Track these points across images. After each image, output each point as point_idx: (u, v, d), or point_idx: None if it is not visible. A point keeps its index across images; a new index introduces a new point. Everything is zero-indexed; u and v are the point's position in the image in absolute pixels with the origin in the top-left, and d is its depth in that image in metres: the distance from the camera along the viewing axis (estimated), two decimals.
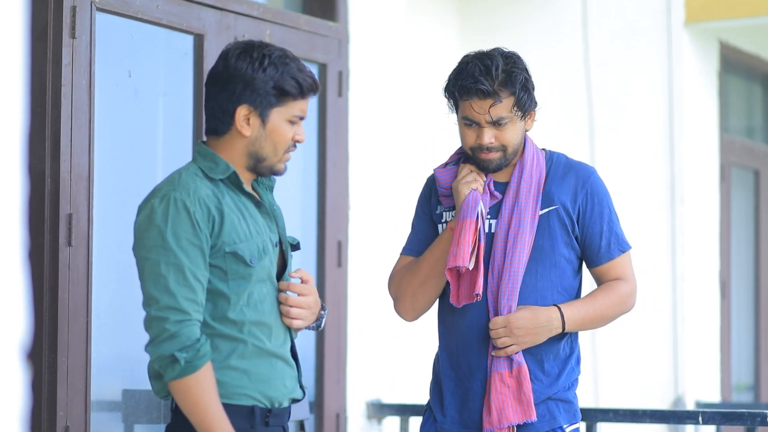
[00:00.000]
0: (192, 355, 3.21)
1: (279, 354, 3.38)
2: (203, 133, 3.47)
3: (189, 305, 3.24)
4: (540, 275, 3.74)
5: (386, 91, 5.59)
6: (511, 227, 3.72)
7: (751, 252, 7.86)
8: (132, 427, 4.47)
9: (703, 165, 7.10)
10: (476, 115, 3.70)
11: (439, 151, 6.77)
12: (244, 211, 3.36)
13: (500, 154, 3.73)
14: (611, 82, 6.90)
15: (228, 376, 3.31)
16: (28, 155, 4.13)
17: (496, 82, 3.67)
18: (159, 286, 3.26)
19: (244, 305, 3.33)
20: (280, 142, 3.36)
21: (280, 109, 3.34)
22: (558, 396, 3.76)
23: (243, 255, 3.30)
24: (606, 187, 3.85)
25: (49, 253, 4.13)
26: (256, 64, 3.32)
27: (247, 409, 3.32)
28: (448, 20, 7.01)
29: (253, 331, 3.34)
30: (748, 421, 4.46)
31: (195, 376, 3.21)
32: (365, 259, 5.45)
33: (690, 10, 6.84)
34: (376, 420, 5.49)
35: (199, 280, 3.27)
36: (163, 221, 3.27)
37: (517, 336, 3.66)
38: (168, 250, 3.26)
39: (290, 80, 3.33)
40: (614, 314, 3.83)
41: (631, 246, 3.87)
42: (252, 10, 4.92)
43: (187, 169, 3.36)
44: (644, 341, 6.84)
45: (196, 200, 3.28)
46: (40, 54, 4.14)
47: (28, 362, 3.76)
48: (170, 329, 3.22)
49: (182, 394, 3.23)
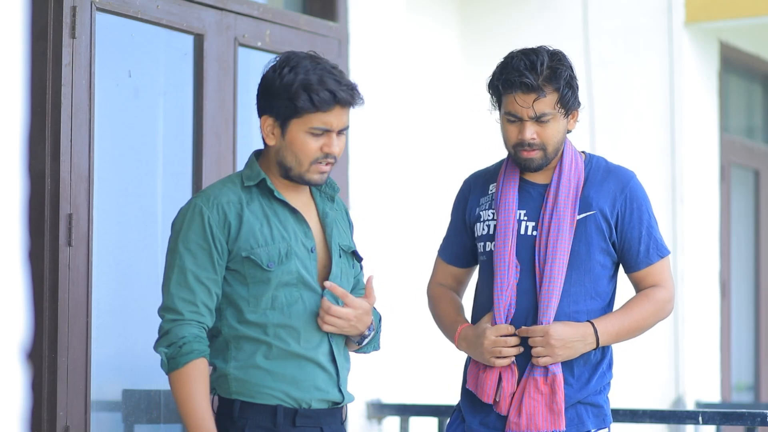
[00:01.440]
0: (174, 351, 3.35)
1: (309, 356, 3.43)
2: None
3: (184, 306, 3.36)
4: (574, 280, 3.73)
5: (386, 91, 5.58)
6: (551, 232, 3.71)
7: (751, 252, 7.86)
8: (132, 427, 4.47)
9: (703, 165, 7.10)
10: (519, 110, 3.67)
11: (439, 150, 6.77)
12: (272, 216, 3.43)
13: (541, 153, 3.71)
14: (611, 82, 6.90)
15: (252, 375, 3.39)
16: (28, 155, 4.13)
17: (541, 77, 3.66)
18: (164, 287, 3.42)
19: (268, 308, 3.41)
20: (301, 153, 3.39)
21: (298, 120, 3.38)
22: (588, 400, 3.75)
23: (259, 260, 3.38)
24: (645, 192, 3.83)
25: (49, 253, 4.13)
26: (276, 75, 3.38)
27: (270, 408, 3.39)
28: (449, 20, 7.00)
29: (279, 333, 3.41)
30: (748, 421, 4.46)
31: (178, 372, 3.34)
32: (365, 259, 5.44)
33: (690, 10, 6.84)
34: (376, 420, 5.49)
35: (201, 282, 3.37)
36: (180, 226, 3.42)
37: (553, 347, 3.65)
38: (176, 252, 3.40)
39: (303, 94, 3.34)
40: (651, 323, 3.81)
41: (670, 251, 3.84)
42: (252, 10, 4.92)
43: (229, 177, 3.50)
44: (644, 341, 6.83)
45: (214, 206, 3.39)
46: (40, 54, 4.14)
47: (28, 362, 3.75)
48: (164, 327, 3.39)
49: (171, 388, 3.40)
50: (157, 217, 4.58)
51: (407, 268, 5.76)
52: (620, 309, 3.77)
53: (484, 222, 3.81)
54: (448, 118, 6.93)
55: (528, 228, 3.75)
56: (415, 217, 6.41)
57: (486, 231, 3.81)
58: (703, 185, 7.08)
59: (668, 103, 6.82)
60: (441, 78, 6.87)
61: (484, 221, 3.81)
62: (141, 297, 4.49)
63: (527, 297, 3.72)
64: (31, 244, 4.11)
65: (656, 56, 6.85)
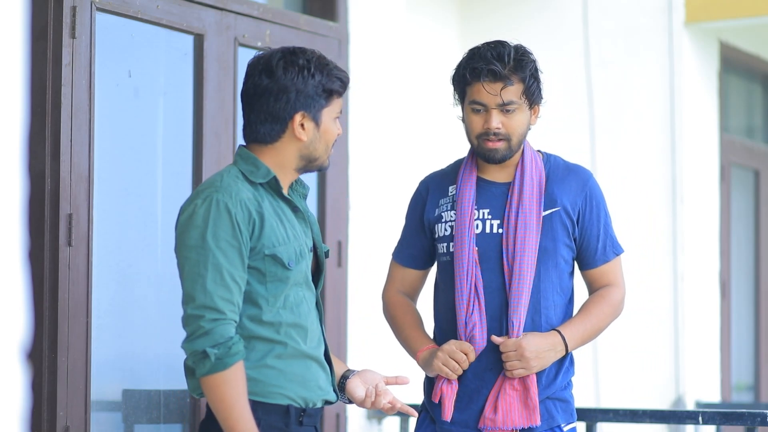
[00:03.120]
0: (223, 352, 3.26)
1: (314, 356, 3.45)
2: (244, 141, 3.49)
3: (224, 305, 3.30)
4: (542, 276, 3.76)
5: (386, 91, 5.59)
6: (518, 229, 3.73)
7: (751, 252, 7.86)
8: (132, 427, 4.47)
9: (703, 165, 7.10)
10: (486, 97, 3.70)
11: (438, 151, 6.77)
12: (282, 215, 3.43)
13: (505, 144, 3.72)
14: (611, 82, 6.90)
15: (265, 375, 3.37)
16: (28, 155, 4.13)
17: (508, 66, 3.70)
18: (197, 285, 3.31)
19: (281, 307, 3.40)
20: (331, 139, 3.50)
21: (328, 109, 3.47)
22: (556, 395, 3.80)
23: (282, 258, 3.37)
24: (601, 190, 3.88)
25: (49, 253, 4.13)
26: (305, 72, 3.42)
27: (282, 408, 3.38)
28: (448, 20, 7.00)
29: (290, 333, 3.41)
30: (748, 421, 4.46)
31: (224, 373, 3.26)
32: (365, 259, 5.45)
33: (690, 10, 6.84)
34: (376, 420, 5.49)
35: (236, 281, 3.33)
36: (204, 222, 3.33)
37: (527, 360, 3.68)
38: (207, 250, 3.31)
39: (335, 80, 3.46)
40: (608, 323, 3.87)
41: (624, 249, 3.89)
42: (252, 10, 4.92)
43: (228, 172, 3.43)
44: (644, 341, 6.84)
45: (238, 202, 3.35)
46: (40, 54, 4.14)
47: (28, 362, 3.75)
48: (205, 327, 3.28)
49: (211, 390, 3.28)
50: (157, 217, 4.58)
51: None
52: (581, 313, 3.82)
53: (447, 222, 3.82)
54: (448, 118, 6.92)
55: (493, 226, 3.76)
56: None
57: (449, 232, 3.81)
58: (703, 185, 7.08)
59: (668, 103, 6.82)
60: (441, 78, 6.86)
61: (446, 222, 3.82)
62: (141, 297, 4.49)
63: (497, 295, 3.74)
64: (31, 244, 4.11)
65: (656, 56, 6.85)
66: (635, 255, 6.77)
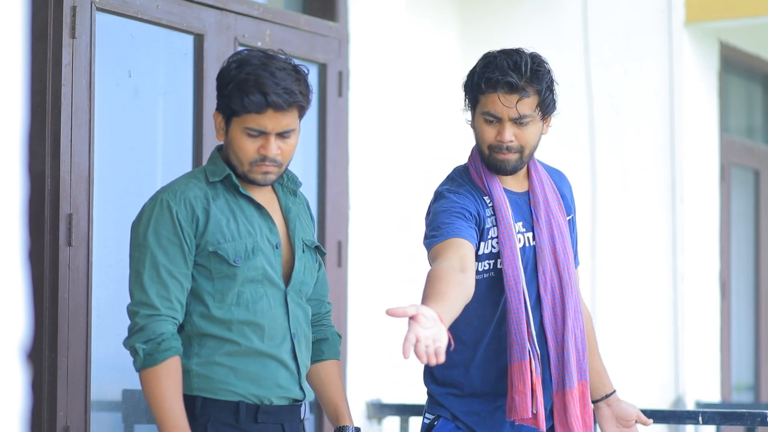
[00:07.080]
0: (152, 348, 3.31)
1: (272, 354, 3.42)
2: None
3: (160, 301, 3.34)
4: (574, 281, 3.72)
5: (386, 91, 5.58)
6: (555, 240, 3.65)
7: (751, 252, 7.85)
8: (132, 427, 4.47)
9: (703, 165, 7.09)
10: (501, 110, 3.57)
11: (438, 150, 6.77)
12: (238, 212, 3.42)
13: (517, 156, 3.61)
14: (611, 82, 6.90)
15: (214, 372, 3.38)
16: (28, 155, 4.13)
17: (524, 77, 3.57)
18: (136, 282, 3.38)
19: (232, 304, 3.39)
20: (240, 152, 3.38)
21: (238, 119, 3.38)
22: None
23: (225, 255, 3.37)
24: None
25: (49, 253, 4.13)
26: (224, 72, 3.39)
27: (232, 404, 3.38)
28: (448, 20, 7.00)
29: (244, 330, 3.40)
30: (748, 421, 4.45)
31: (155, 369, 3.30)
32: (365, 259, 5.44)
33: (690, 10, 6.84)
34: (376, 420, 5.49)
35: (175, 278, 3.36)
36: (147, 221, 3.40)
37: None
38: (147, 248, 3.37)
39: (236, 94, 3.33)
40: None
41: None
42: (252, 10, 4.92)
43: (191, 173, 3.48)
44: (644, 341, 6.84)
45: (182, 201, 3.38)
46: (40, 54, 4.14)
47: (28, 362, 3.75)
48: (140, 323, 3.34)
49: (143, 385, 3.34)
50: None
51: (407, 268, 5.76)
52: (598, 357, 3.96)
53: (493, 239, 3.63)
54: (448, 119, 6.92)
55: (528, 239, 3.66)
56: (415, 217, 6.40)
57: (496, 249, 3.62)
58: (703, 185, 7.08)
59: (668, 103, 6.82)
60: (441, 78, 6.86)
61: (492, 238, 3.62)
62: None
63: (536, 308, 3.65)
64: (31, 244, 4.11)
65: (656, 56, 6.85)
66: (635, 255, 6.77)
